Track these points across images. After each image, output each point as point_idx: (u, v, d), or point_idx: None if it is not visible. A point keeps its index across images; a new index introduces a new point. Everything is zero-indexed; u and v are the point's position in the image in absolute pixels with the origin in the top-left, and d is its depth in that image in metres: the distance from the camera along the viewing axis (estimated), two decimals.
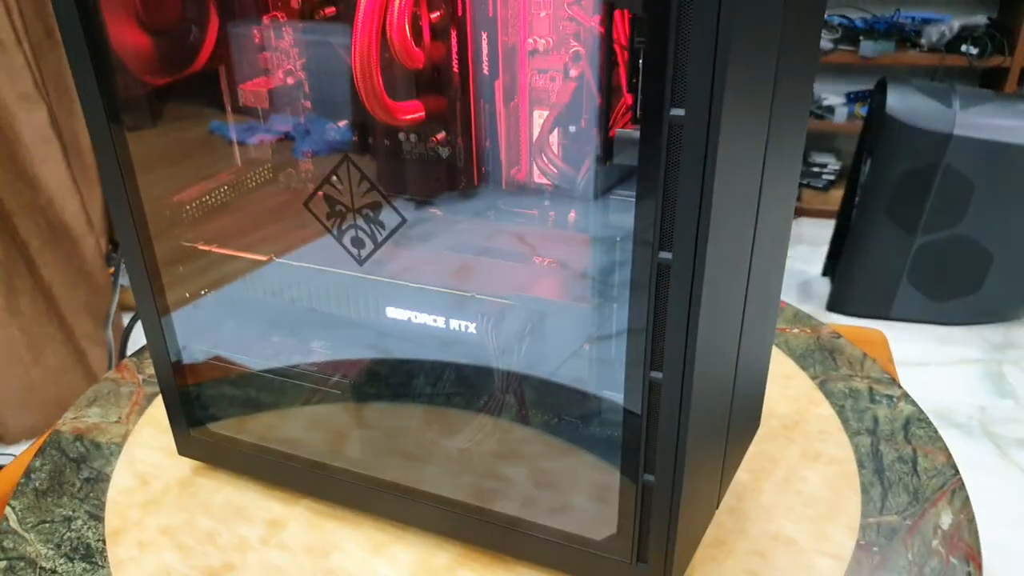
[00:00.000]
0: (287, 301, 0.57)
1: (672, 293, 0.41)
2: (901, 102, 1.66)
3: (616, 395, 0.46)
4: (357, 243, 0.48)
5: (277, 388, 0.61)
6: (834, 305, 1.93)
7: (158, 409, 0.72)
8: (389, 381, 0.60)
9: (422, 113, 0.52)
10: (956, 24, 2.02)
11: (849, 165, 2.01)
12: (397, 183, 0.57)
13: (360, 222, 0.47)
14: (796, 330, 0.83)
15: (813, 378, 0.75)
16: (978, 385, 1.71)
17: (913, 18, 2.09)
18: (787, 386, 0.75)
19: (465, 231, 0.56)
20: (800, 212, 2.34)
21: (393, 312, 0.53)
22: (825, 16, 2.12)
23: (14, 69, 1.47)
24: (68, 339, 1.64)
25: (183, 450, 0.64)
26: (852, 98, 2.26)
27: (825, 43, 2.07)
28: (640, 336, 0.43)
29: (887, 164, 1.71)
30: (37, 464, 0.66)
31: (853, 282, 1.88)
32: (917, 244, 1.76)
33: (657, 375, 0.43)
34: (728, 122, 0.37)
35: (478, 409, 0.56)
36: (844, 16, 2.11)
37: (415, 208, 0.58)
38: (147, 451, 0.67)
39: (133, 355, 0.83)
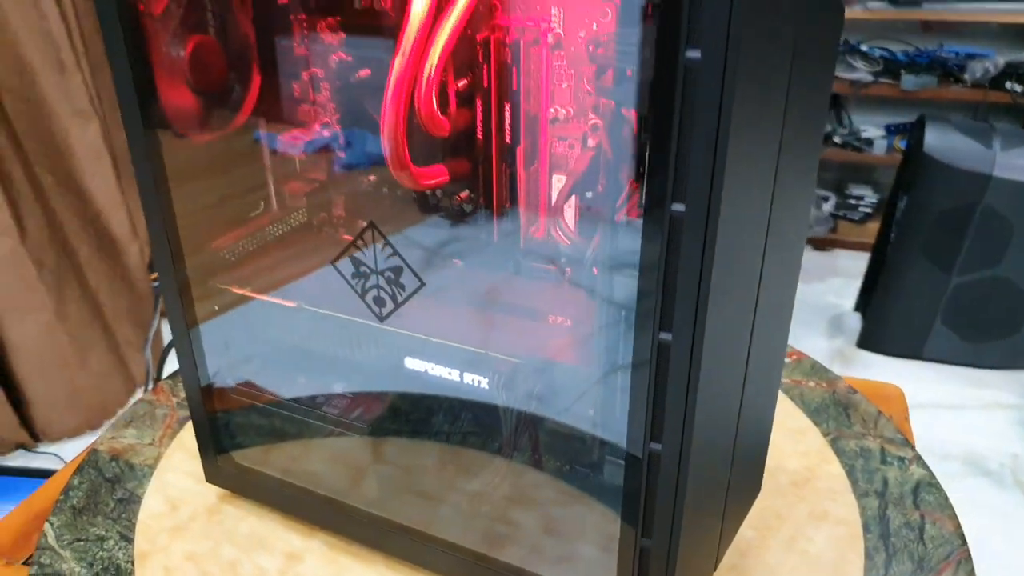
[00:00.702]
0: (311, 343, 0.60)
1: (672, 371, 0.43)
2: (940, 141, 1.65)
3: (618, 459, 0.48)
4: (379, 302, 0.51)
5: (299, 423, 0.64)
6: (865, 342, 1.92)
7: (189, 434, 0.76)
8: (405, 425, 0.63)
9: (446, 177, 0.55)
10: (1001, 60, 2.00)
11: (886, 199, 1.99)
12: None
13: (382, 283, 0.50)
14: (812, 383, 0.84)
15: (826, 434, 0.76)
16: (1012, 431, 1.68)
17: (957, 53, 2.07)
18: (799, 441, 0.75)
19: (484, 285, 0.59)
20: (836, 244, 2.32)
21: (411, 362, 0.55)
22: (867, 49, 2.11)
23: (72, 88, 1.54)
24: (111, 345, 1.71)
25: (210, 477, 0.67)
26: (892, 130, 2.24)
27: (865, 75, 2.06)
28: (640, 409, 0.44)
29: (924, 202, 1.70)
30: (76, 482, 0.70)
31: (886, 320, 1.87)
32: (953, 284, 1.74)
33: (656, 446, 0.45)
34: (727, 217, 0.39)
35: (489, 455, 0.58)
36: (886, 49, 2.10)
37: (437, 259, 0.60)
38: (177, 475, 0.71)
39: (169, 377, 0.87)
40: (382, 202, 0.62)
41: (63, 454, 1.62)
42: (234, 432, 0.67)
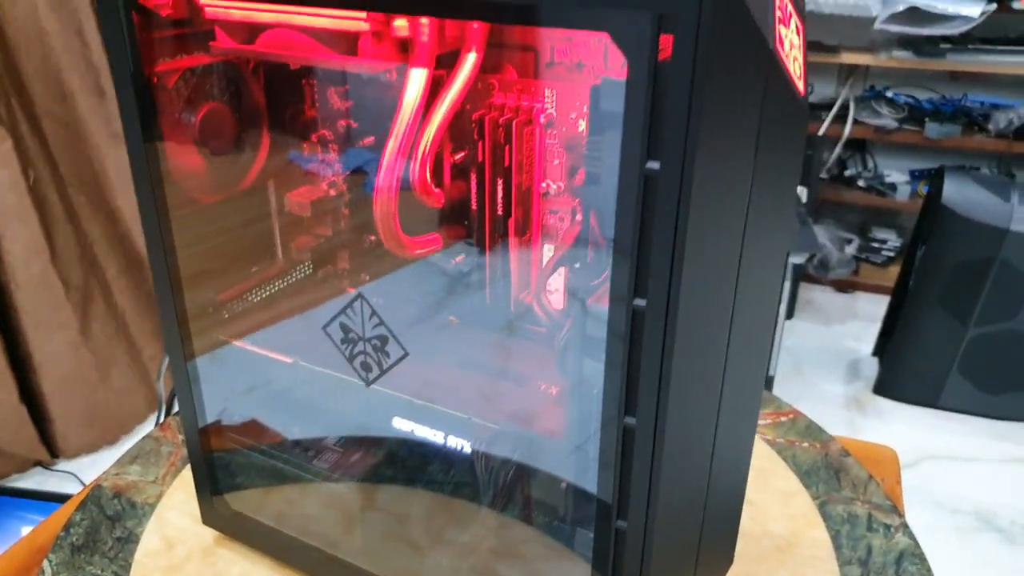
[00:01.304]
0: (306, 396, 0.63)
1: (636, 452, 0.44)
2: (958, 193, 1.64)
3: (588, 531, 0.49)
4: (365, 367, 0.53)
5: (292, 471, 0.67)
6: (881, 388, 1.90)
7: (190, 474, 0.79)
8: (395, 477, 0.65)
9: (439, 245, 0.58)
10: None
11: (906, 242, 1.99)
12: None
13: (369, 350, 0.52)
14: (806, 444, 0.84)
15: (815, 498, 0.77)
16: None
17: (982, 103, 2.06)
18: (788, 504, 0.76)
19: (474, 346, 0.61)
20: (857, 287, 2.31)
21: (399, 423, 0.58)
22: (892, 96, 2.11)
23: (110, 112, 1.60)
24: (134, 362, 1.75)
25: (207, 519, 0.70)
26: (916, 175, 2.23)
27: (890, 122, 2.06)
28: (607, 486, 0.46)
29: (941, 253, 1.69)
30: (77, 519, 0.73)
31: (902, 367, 1.85)
32: (970, 335, 1.73)
33: (622, 523, 0.46)
34: (688, 310, 0.41)
35: (475, 508, 0.60)
36: (911, 96, 2.10)
37: (429, 316, 0.63)
38: (176, 515, 0.73)
39: (177, 413, 0.90)
40: (383, 258, 0.64)
41: (80, 471, 1.66)
42: (230, 475, 0.70)
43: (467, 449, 0.56)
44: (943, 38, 1.87)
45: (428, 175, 0.54)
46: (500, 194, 0.57)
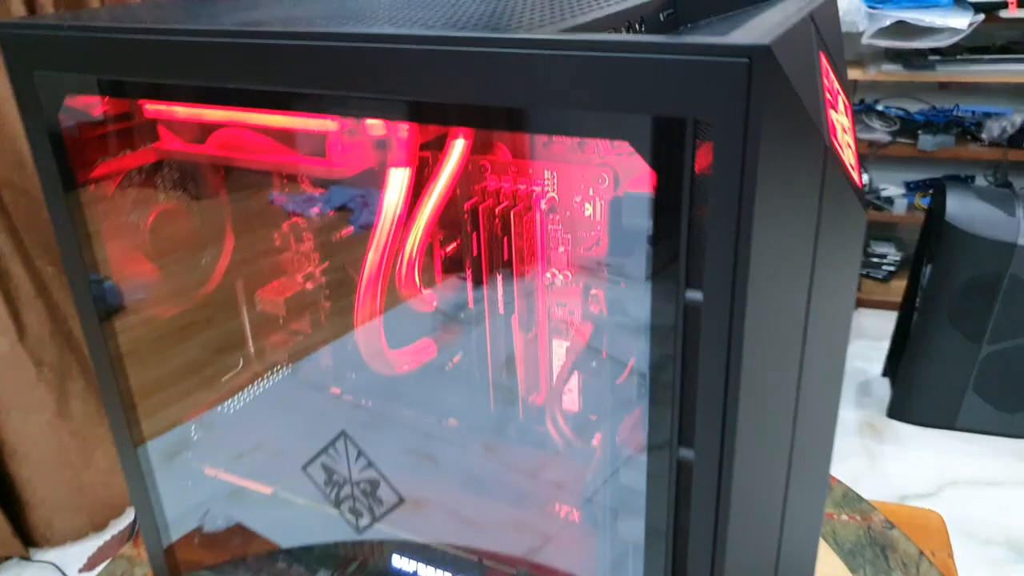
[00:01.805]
0: (287, 529, 0.55)
1: None
2: (962, 209, 1.59)
3: None
4: (355, 512, 0.46)
5: None
6: (895, 412, 1.84)
7: None
8: None
9: (432, 354, 0.51)
10: (1018, 119, 1.94)
11: (911, 255, 1.93)
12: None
13: (358, 494, 0.45)
14: (845, 517, 0.77)
15: None
16: None
17: (973, 112, 2.02)
18: None
19: (479, 461, 0.54)
20: (860, 303, 2.26)
21: (398, 561, 0.50)
22: (883, 109, 2.07)
23: None
24: None
25: None
26: (912, 187, 2.18)
27: (883, 135, 2.02)
28: None
29: (948, 271, 1.63)
30: None
31: (916, 389, 1.79)
32: (983, 353, 1.67)
33: None
34: (742, 457, 0.34)
35: None
36: (902, 109, 2.06)
37: (431, 423, 0.55)
38: None
39: None
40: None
41: (66, 560, 1.56)
42: None
43: None
44: (932, 50, 1.83)
45: (417, 278, 0.47)
46: (499, 290, 0.50)
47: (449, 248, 0.51)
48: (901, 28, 1.74)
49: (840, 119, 0.32)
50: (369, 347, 0.44)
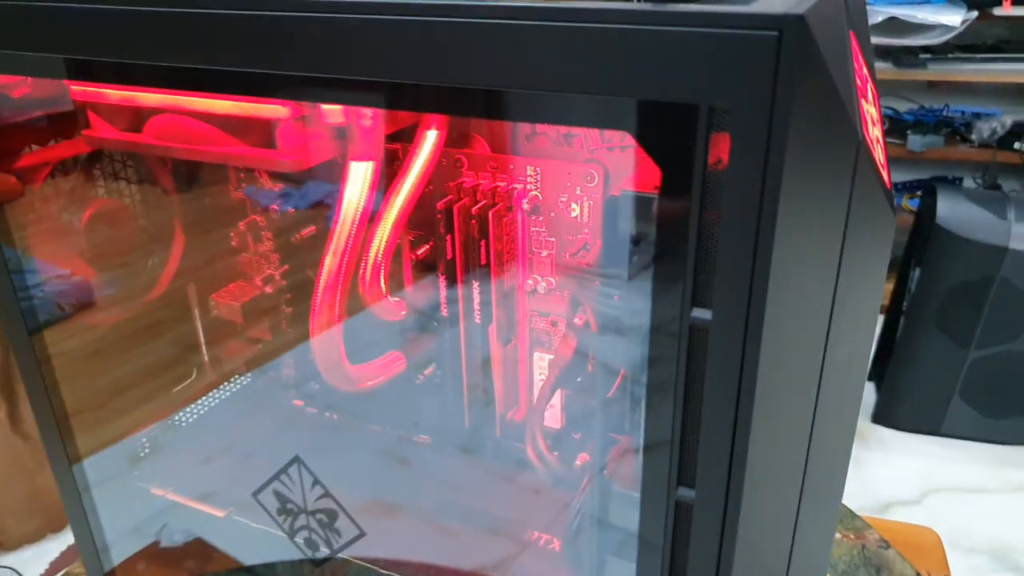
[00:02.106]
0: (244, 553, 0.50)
1: None
2: (952, 212, 1.56)
3: None
4: (311, 545, 0.41)
5: None
6: (881, 417, 1.81)
7: None
8: None
9: (400, 366, 0.46)
10: (1008, 120, 1.92)
11: (899, 257, 1.90)
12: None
13: (314, 524, 0.40)
14: (839, 535, 0.73)
15: None
16: None
17: (963, 112, 1.99)
18: None
19: (452, 482, 0.49)
20: None
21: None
22: None
23: None
24: None
25: None
26: (899, 188, 2.16)
27: None
28: None
29: (937, 275, 1.60)
30: None
31: (901, 394, 1.76)
32: (971, 359, 1.65)
33: None
34: (749, 500, 0.29)
35: None
36: (890, 108, 2.03)
37: (403, 445, 0.51)
38: None
39: None
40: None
41: (23, 564, 1.50)
42: None
43: None
44: (922, 48, 1.80)
45: (382, 284, 0.42)
46: (476, 297, 0.45)
47: (420, 251, 0.46)
48: (892, 24, 1.70)
49: (870, 110, 0.28)
50: (327, 361, 0.39)
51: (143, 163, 0.47)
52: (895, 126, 1.97)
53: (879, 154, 0.29)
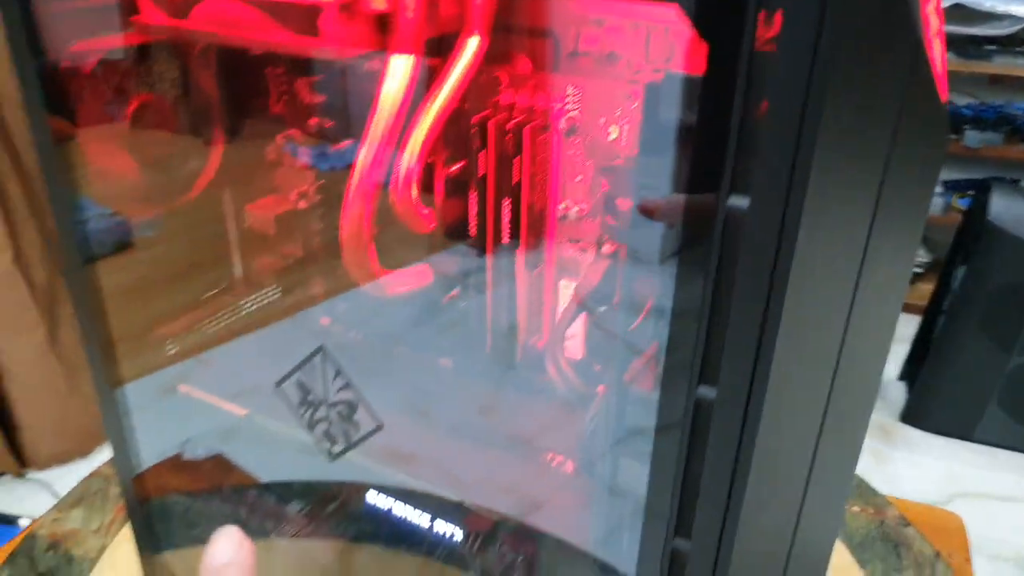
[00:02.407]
0: (261, 455, 0.51)
1: None
2: (1006, 210, 1.51)
3: None
4: (329, 437, 0.42)
5: (250, 533, 0.55)
6: (910, 417, 1.78)
7: None
8: (372, 536, 0.53)
9: (428, 279, 0.46)
10: None
11: (942, 259, 1.86)
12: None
13: (333, 417, 0.41)
14: (857, 508, 0.72)
15: None
16: None
17: None
18: None
19: (470, 404, 0.49)
20: None
21: (373, 498, 0.46)
22: None
23: None
24: None
25: None
26: (950, 187, 2.10)
27: None
28: None
29: (984, 274, 1.56)
30: (4, 575, 0.61)
31: (934, 395, 1.73)
32: (1013, 364, 1.60)
33: None
34: (772, 404, 0.28)
35: None
36: (949, 101, 1.97)
37: (419, 363, 0.51)
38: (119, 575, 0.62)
39: None
40: (360, 291, 0.52)
41: (53, 481, 1.55)
42: (178, 529, 0.58)
43: (457, 536, 0.44)
44: (988, 39, 1.74)
45: (414, 192, 0.42)
46: (506, 217, 0.45)
47: (453, 168, 0.46)
48: (958, 12, 1.65)
49: (931, 13, 0.27)
50: (356, 261, 0.39)
51: (187, 62, 0.48)
52: (952, 120, 1.92)
53: (937, 60, 0.28)
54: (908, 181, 0.32)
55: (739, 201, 0.25)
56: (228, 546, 0.33)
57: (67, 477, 1.53)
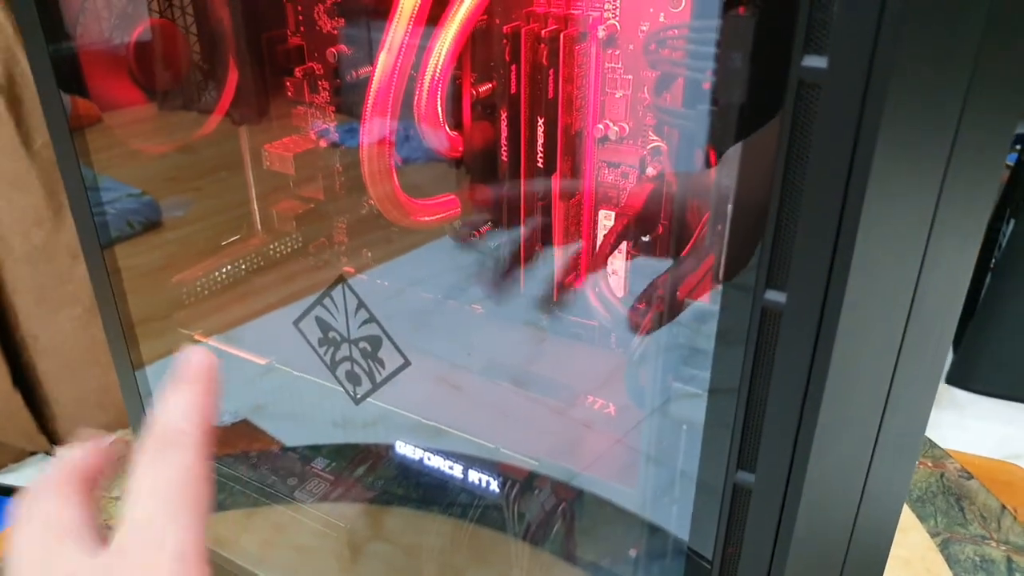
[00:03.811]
0: (286, 404, 0.48)
1: (751, 524, 0.29)
2: None
3: None
4: (352, 378, 0.39)
5: (273, 498, 0.53)
6: (956, 378, 1.71)
7: None
8: (399, 504, 0.50)
9: (456, 210, 0.42)
10: None
11: (990, 219, 1.79)
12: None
13: (356, 355, 0.38)
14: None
15: (934, 535, 0.61)
16: None
17: None
18: (899, 543, 0.60)
19: (503, 345, 0.46)
20: None
21: (402, 448, 0.43)
22: None
23: None
24: None
25: None
26: None
27: None
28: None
29: None
30: None
31: (982, 355, 1.66)
32: None
33: None
34: (849, 312, 0.25)
35: (503, 539, 0.46)
36: None
37: (448, 305, 0.48)
38: None
39: None
40: (385, 229, 0.49)
41: None
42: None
43: (494, 487, 0.41)
44: None
45: (440, 112, 0.39)
46: (540, 139, 0.42)
47: (482, 88, 0.42)
48: None
49: None
50: (378, 185, 0.36)
51: None
52: None
53: None
54: (980, 143, 0.28)
55: (816, 62, 0.21)
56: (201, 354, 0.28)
57: None
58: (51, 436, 1.54)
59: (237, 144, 0.50)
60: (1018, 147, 1.94)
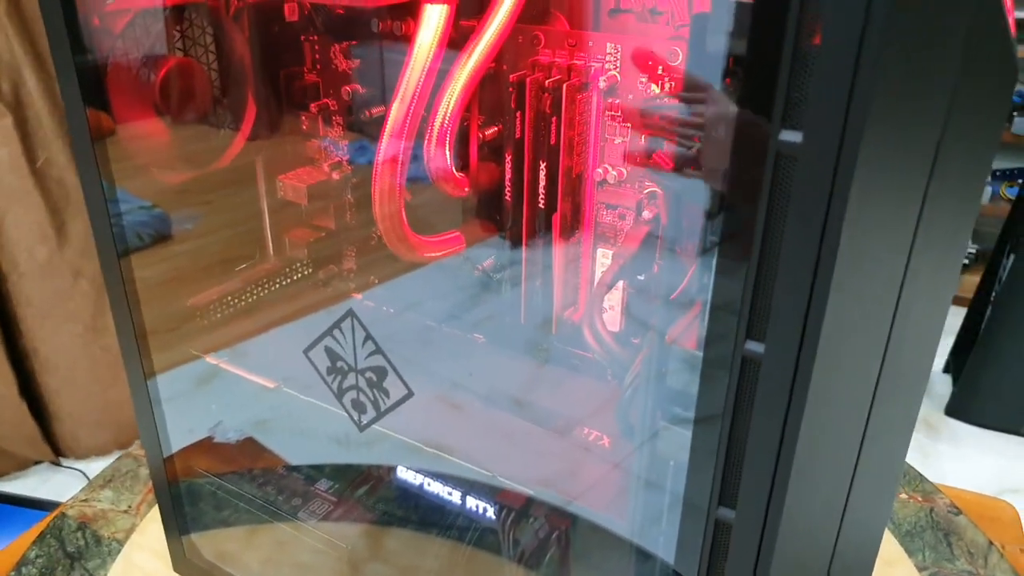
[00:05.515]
0: (292, 426, 0.50)
1: (733, 558, 0.31)
2: None
3: None
4: (358, 406, 0.41)
5: (277, 516, 0.54)
6: (955, 410, 1.72)
7: None
8: (398, 526, 0.52)
9: (460, 246, 0.44)
10: None
11: (988, 250, 1.80)
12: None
13: (362, 384, 0.39)
14: (905, 495, 0.70)
15: (921, 569, 0.62)
16: None
17: None
18: (887, 575, 0.62)
19: (503, 374, 0.48)
20: None
21: (404, 473, 0.45)
22: None
23: None
24: None
25: (178, 566, 0.58)
26: (998, 176, 2.04)
27: None
28: None
29: None
30: (32, 555, 0.61)
31: (981, 388, 1.67)
32: None
33: None
34: (824, 360, 0.27)
35: (498, 561, 0.47)
36: None
37: (451, 334, 0.50)
38: (146, 556, 0.62)
39: None
40: (393, 261, 0.51)
41: (91, 471, 1.57)
42: (205, 513, 0.58)
43: (490, 514, 0.42)
44: None
45: (448, 155, 0.41)
46: (543, 181, 0.44)
47: (488, 132, 0.45)
48: None
49: None
50: (387, 222, 0.38)
51: (220, 25, 0.47)
52: None
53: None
54: (968, 137, 0.30)
55: (792, 136, 0.23)
56: None
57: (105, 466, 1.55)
58: (55, 446, 1.55)
59: (253, 172, 0.53)
60: (1020, 181, 1.97)
